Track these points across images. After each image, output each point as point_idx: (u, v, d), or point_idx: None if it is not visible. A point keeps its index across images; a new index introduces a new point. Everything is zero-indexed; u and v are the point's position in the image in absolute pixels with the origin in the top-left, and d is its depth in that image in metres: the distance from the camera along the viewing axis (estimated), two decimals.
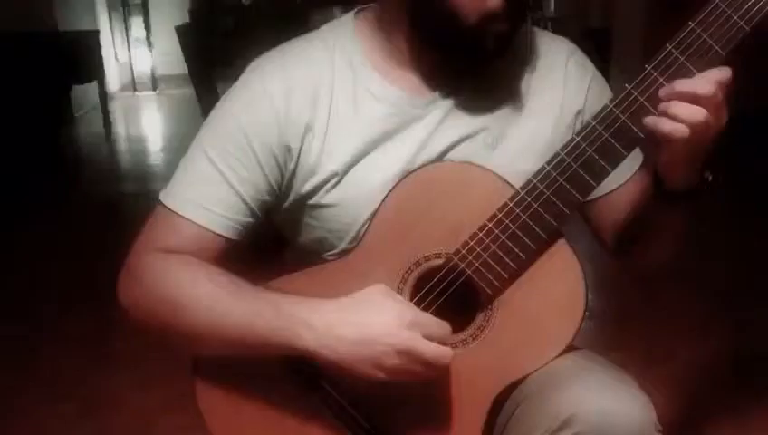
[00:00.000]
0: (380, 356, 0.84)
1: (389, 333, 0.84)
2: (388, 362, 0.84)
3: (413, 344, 0.84)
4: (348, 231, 0.96)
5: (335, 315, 0.85)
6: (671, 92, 0.82)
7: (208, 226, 0.93)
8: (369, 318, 0.85)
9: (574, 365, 0.88)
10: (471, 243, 0.89)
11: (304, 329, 0.85)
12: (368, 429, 0.92)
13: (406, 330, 0.84)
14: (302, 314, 0.85)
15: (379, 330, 0.84)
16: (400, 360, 0.84)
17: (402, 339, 0.83)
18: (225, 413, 0.94)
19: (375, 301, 0.86)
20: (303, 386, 0.92)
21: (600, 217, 1.03)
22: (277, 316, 0.86)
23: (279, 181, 0.95)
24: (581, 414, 0.81)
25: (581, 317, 0.89)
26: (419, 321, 0.85)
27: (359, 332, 0.84)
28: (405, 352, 0.84)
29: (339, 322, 0.85)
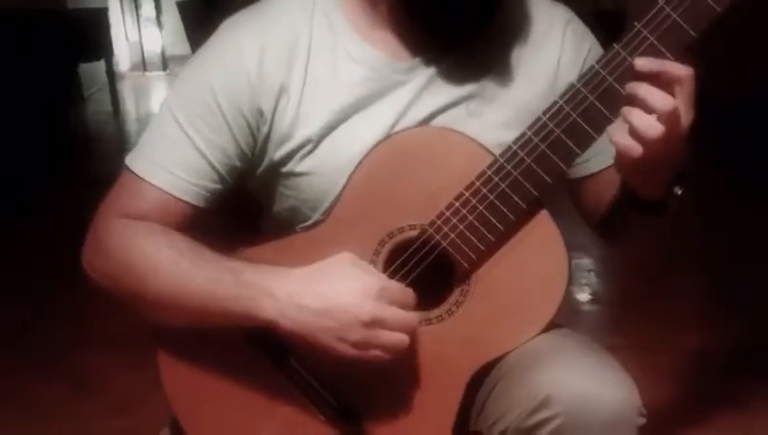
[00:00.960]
0: (345, 327, 0.80)
1: (354, 302, 0.80)
2: (353, 334, 0.80)
3: (379, 314, 0.80)
4: (322, 202, 0.91)
5: (298, 284, 0.81)
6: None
7: (172, 191, 0.88)
8: (333, 287, 0.81)
9: (555, 344, 0.83)
10: (447, 213, 0.84)
11: (265, 298, 0.81)
12: (337, 408, 0.87)
13: (372, 300, 0.80)
14: (263, 283, 0.81)
15: (343, 299, 0.80)
16: (366, 331, 0.80)
17: (367, 309, 0.79)
18: (188, 389, 0.90)
19: (341, 269, 0.82)
20: (270, 362, 0.88)
21: (588, 197, 0.99)
22: (238, 284, 0.82)
23: (251, 146, 0.91)
24: (559, 395, 0.77)
25: (563, 293, 0.84)
26: (386, 290, 0.81)
27: (322, 301, 0.80)
28: (370, 323, 0.80)
29: (302, 291, 0.81)
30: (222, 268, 0.84)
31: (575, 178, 0.98)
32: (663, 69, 0.76)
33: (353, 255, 0.84)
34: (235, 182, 0.93)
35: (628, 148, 0.76)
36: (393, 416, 0.87)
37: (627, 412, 0.78)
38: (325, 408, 0.88)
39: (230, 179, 0.91)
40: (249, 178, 0.95)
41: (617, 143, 0.77)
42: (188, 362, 0.90)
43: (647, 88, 0.75)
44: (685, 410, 1.75)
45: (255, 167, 0.93)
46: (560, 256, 0.85)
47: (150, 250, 0.85)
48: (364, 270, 0.83)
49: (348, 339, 0.80)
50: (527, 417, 0.78)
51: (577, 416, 0.76)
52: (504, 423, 0.81)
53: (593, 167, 0.96)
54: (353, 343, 0.81)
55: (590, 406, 0.76)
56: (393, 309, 0.81)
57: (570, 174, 0.98)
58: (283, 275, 0.82)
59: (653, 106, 0.75)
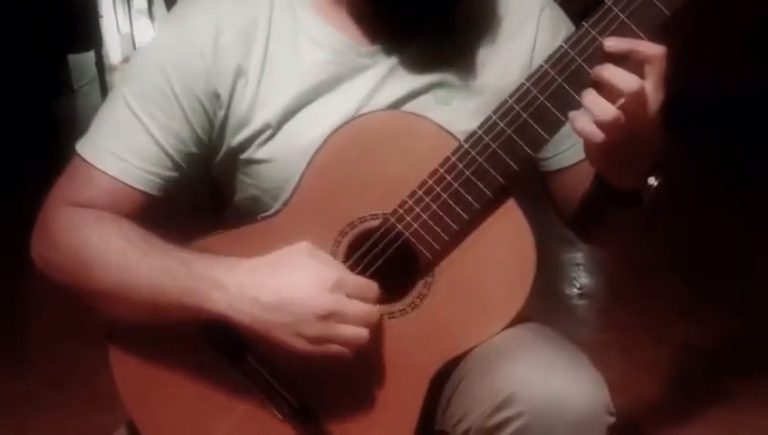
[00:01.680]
0: (300, 322, 0.76)
1: (310, 295, 0.76)
2: (309, 328, 0.76)
3: (335, 307, 0.76)
4: (283, 190, 0.87)
5: (251, 276, 0.77)
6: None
7: (124, 178, 0.84)
8: (287, 279, 0.77)
9: (520, 339, 0.80)
10: (409, 202, 0.80)
11: (216, 290, 0.77)
12: (296, 407, 0.83)
13: (328, 292, 0.76)
14: (214, 274, 0.78)
15: (298, 292, 0.76)
16: (323, 326, 0.76)
17: (324, 302, 0.76)
18: (141, 385, 0.86)
19: (296, 260, 0.78)
20: (227, 359, 0.84)
21: (562, 191, 0.95)
22: (189, 276, 0.78)
23: (208, 132, 0.86)
24: (523, 393, 0.73)
25: (530, 285, 0.80)
26: (345, 281, 0.77)
27: (275, 294, 0.76)
28: (327, 317, 0.76)
29: (254, 283, 0.77)
30: (173, 259, 0.80)
31: (549, 170, 0.94)
32: (634, 48, 0.72)
33: (310, 244, 0.80)
34: (192, 169, 0.88)
35: (588, 134, 0.73)
36: (353, 414, 0.83)
37: (595, 411, 0.74)
38: (283, 406, 0.84)
39: (186, 167, 0.87)
40: (208, 165, 0.90)
41: (576, 129, 0.74)
42: (141, 358, 0.86)
43: (611, 69, 0.72)
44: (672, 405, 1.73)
45: (214, 154, 0.89)
46: (527, 247, 0.81)
47: (98, 240, 0.81)
48: (321, 260, 0.79)
49: (304, 334, 0.76)
50: (490, 416, 0.75)
51: (541, 415, 0.73)
52: (467, 422, 0.78)
53: (568, 158, 0.92)
54: (310, 339, 0.77)
55: (556, 404, 0.73)
56: (352, 302, 0.77)
57: (544, 166, 0.94)
58: (234, 267, 0.78)
59: (617, 87, 0.71)
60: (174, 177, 0.86)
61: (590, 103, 0.73)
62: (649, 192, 0.83)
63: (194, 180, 0.91)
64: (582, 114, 0.74)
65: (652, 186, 0.82)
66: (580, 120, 0.74)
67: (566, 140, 0.90)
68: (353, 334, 0.77)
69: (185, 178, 0.88)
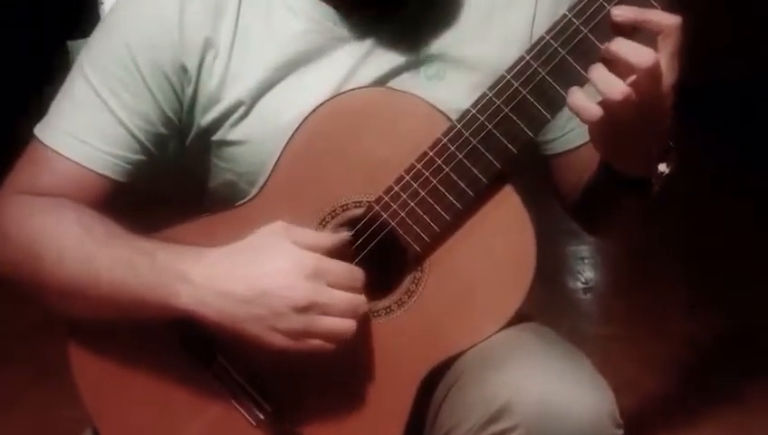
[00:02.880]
0: (276, 315, 0.68)
1: (285, 284, 0.68)
2: (285, 322, 0.68)
3: (315, 297, 0.68)
4: (260, 174, 0.79)
5: (219, 266, 0.70)
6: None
7: (86, 163, 0.77)
8: (260, 267, 0.69)
9: (517, 341, 0.72)
10: (396, 188, 0.73)
11: (180, 283, 0.70)
12: (270, 412, 0.76)
13: (305, 280, 0.68)
14: (179, 266, 0.70)
15: (271, 282, 0.68)
16: (302, 318, 0.68)
17: (300, 291, 0.68)
18: (104, 389, 0.78)
19: (269, 245, 0.70)
20: (197, 359, 0.76)
21: (567, 175, 0.87)
22: (152, 269, 0.71)
23: (177, 111, 0.79)
24: (519, 402, 0.66)
25: (529, 283, 0.73)
26: (326, 268, 0.69)
27: (246, 285, 0.69)
28: (305, 308, 0.68)
29: (223, 274, 0.70)
30: (135, 250, 0.72)
31: (553, 153, 0.86)
32: (645, 18, 0.65)
33: (284, 223, 0.72)
34: (162, 153, 0.81)
35: (585, 110, 0.66)
36: (333, 422, 0.75)
37: (599, 423, 0.66)
38: (256, 411, 0.76)
39: (155, 150, 0.79)
40: (180, 149, 0.83)
41: (571, 106, 0.66)
42: (103, 356, 0.78)
43: (621, 42, 0.65)
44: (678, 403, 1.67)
45: (184, 135, 0.81)
46: (526, 240, 0.73)
47: (53, 229, 0.74)
48: (299, 242, 0.71)
49: (281, 328, 0.69)
50: (482, 428, 0.67)
51: (539, 427, 0.65)
52: (458, 434, 0.70)
53: (574, 140, 0.84)
54: (288, 333, 0.69)
55: (556, 416, 0.65)
56: (334, 291, 0.70)
57: (547, 149, 0.86)
58: (201, 257, 0.71)
59: (629, 62, 0.64)
60: (141, 161, 0.79)
61: (597, 79, 0.66)
62: (660, 180, 0.75)
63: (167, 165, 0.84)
64: (579, 90, 0.67)
65: (663, 173, 0.75)
66: (575, 96, 0.66)
67: (571, 119, 0.81)
68: (337, 327, 0.70)
69: (154, 162, 0.81)
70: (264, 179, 0.78)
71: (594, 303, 2.25)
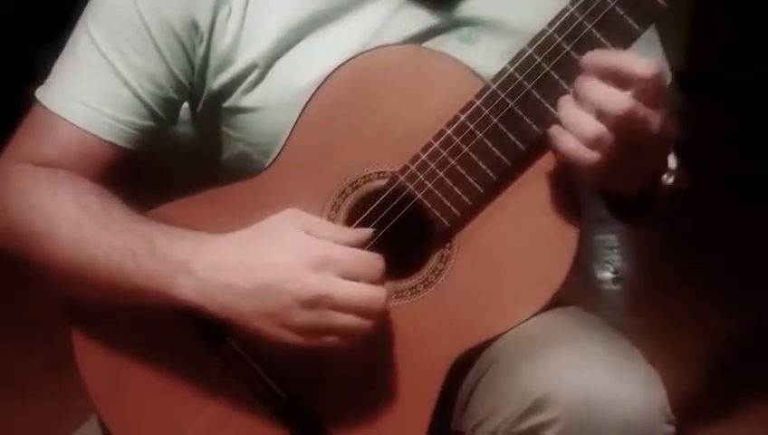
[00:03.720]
0: (283, 310, 0.62)
1: (292, 277, 0.62)
2: (295, 318, 0.62)
3: (323, 290, 0.62)
4: (274, 145, 0.73)
5: (222, 255, 0.64)
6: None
7: (90, 128, 0.72)
8: (266, 257, 0.63)
9: (557, 327, 0.66)
10: (423, 156, 0.66)
11: (181, 275, 0.64)
12: (284, 400, 0.70)
13: (313, 272, 0.62)
14: (180, 255, 0.64)
15: (273, 274, 0.63)
16: (311, 314, 0.62)
17: (308, 284, 0.62)
18: (108, 376, 0.73)
19: (278, 232, 0.64)
20: (207, 343, 0.71)
21: None
22: (151, 257, 0.65)
23: (187, 73, 0.73)
24: (560, 394, 0.59)
25: (570, 262, 0.66)
26: (335, 257, 0.63)
27: (252, 277, 0.63)
28: (313, 303, 0.62)
29: (227, 264, 0.64)
30: (135, 235, 0.67)
31: None
32: (612, 65, 0.59)
33: (298, 210, 0.66)
34: (171, 119, 0.76)
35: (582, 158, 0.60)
36: (354, 411, 0.69)
37: (649, 419, 0.59)
38: (271, 401, 0.70)
39: (164, 115, 0.74)
40: (192, 117, 0.78)
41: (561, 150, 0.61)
42: (107, 339, 0.73)
43: (591, 85, 0.59)
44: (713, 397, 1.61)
45: (195, 101, 0.76)
46: (568, 214, 0.66)
47: (51, 206, 0.69)
48: (309, 230, 0.65)
49: (290, 324, 0.63)
50: (518, 420, 0.61)
51: (582, 421, 0.59)
52: (491, 425, 0.64)
53: None
54: (298, 329, 0.63)
55: (601, 408, 0.59)
56: (345, 284, 0.63)
57: None
58: (203, 245, 0.65)
59: (600, 108, 0.59)
60: (150, 127, 0.74)
61: (566, 117, 0.60)
62: (666, 193, 0.68)
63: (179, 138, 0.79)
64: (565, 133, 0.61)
65: (665, 185, 0.67)
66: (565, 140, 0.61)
67: None
68: (349, 324, 0.63)
69: (163, 129, 0.76)
70: (278, 150, 0.72)
71: (624, 294, 2.18)
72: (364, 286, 0.63)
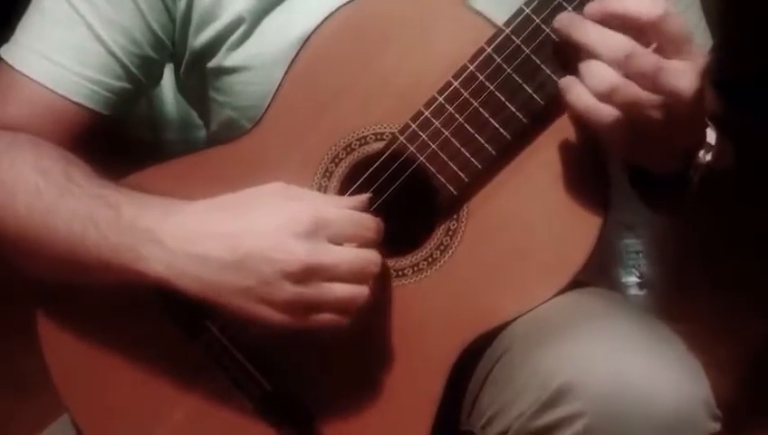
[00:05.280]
0: (266, 284, 0.55)
1: (273, 244, 0.54)
2: (279, 293, 0.55)
3: (312, 258, 0.54)
4: (263, 109, 0.65)
5: (194, 224, 0.57)
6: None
7: (58, 88, 0.65)
8: (245, 225, 0.56)
9: (580, 307, 0.57)
10: (426, 113, 0.58)
11: (148, 245, 0.56)
12: (270, 393, 0.62)
13: (299, 238, 0.54)
14: (146, 222, 0.57)
15: (256, 242, 0.55)
16: (298, 289, 0.54)
17: (293, 253, 0.54)
18: (73, 360, 0.65)
19: (259, 199, 0.57)
20: (183, 328, 0.63)
21: None
22: (116, 226, 0.58)
23: (167, 29, 0.67)
24: (585, 383, 0.51)
25: (597, 234, 0.57)
26: (325, 219, 0.55)
27: (225, 246, 0.55)
28: (302, 274, 0.54)
29: (200, 233, 0.56)
30: (99, 201, 0.60)
31: None
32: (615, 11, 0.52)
33: (284, 184, 0.58)
34: (151, 81, 0.70)
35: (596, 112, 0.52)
36: (349, 407, 0.61)
37: (691, 413, 0.51)
38: (255, 393, 0.62)
39: (142, 77, 0.68)
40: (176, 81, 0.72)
41: (576, 105, 0.53)
42: (73, 327, 0.65)
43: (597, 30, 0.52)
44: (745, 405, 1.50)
45: (177, 62, 0.69)
46: (593, 179, 0.58)
47: (8, 171, 0.62)
48: (297, 199, 0.58)
49: (275, 301, 0.55)
50: (535, 415, 0.52)
51: (611, 416, 0.50)
52: (503, 422, 0.55)
53: None
54: (283, 306, 0.55)
55: (633, 401, 0.50)
56: (337, 249, 0.56)
57: None
58: (172, 212, 0.58)
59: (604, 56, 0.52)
60: (125, 90, 0.67)
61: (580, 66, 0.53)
62: (700, 170, 0.59)
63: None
64: (578, 83, 0.53)
65: (701, 163, 0.59)
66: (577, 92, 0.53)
67: None
68: (345, 294, 0.55)
69: (142, 92, 0.70)
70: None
71: (650, 299, 2.07)
72: (356, 250, 0.56)
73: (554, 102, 0.56)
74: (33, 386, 1.64)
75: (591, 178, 0.58)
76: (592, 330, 0.54)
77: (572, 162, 0.58)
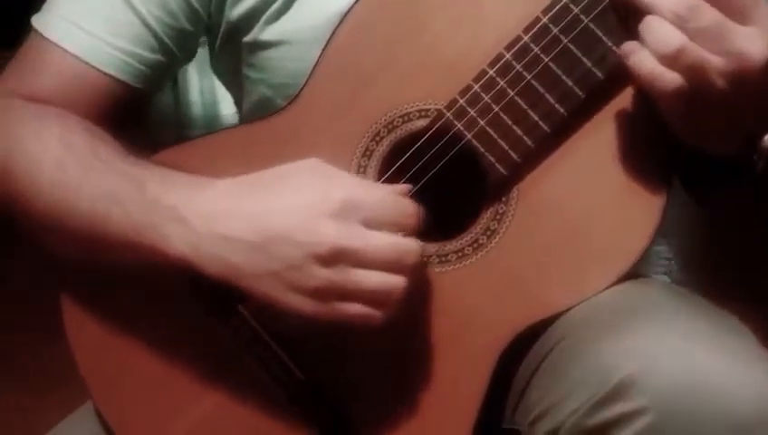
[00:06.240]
0: (293, 269, 0.51)
1: (301, 225, 0.51)
2: (306, 279, 0.51)
3: (343, 241, 0.51)
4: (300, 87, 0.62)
5: (221, 202, 0.54)
6: None
7: (89, 58, 0.63)
8: (274, 204, 0.53)
9: (642, 298, 0.53)
10: (475, 87, 0.54)
11: (172, 223, 0.53)
12: (303, 383, 0.58)
13: (330, 219, 0.51)
14: (171, 199, 0.54)
15: (283, 222, 0.52)
16: (327, 274, 0.51)
17: (323, 234, 0.51)
18: (98, 346, 0.62)
19: (289, 177, 0.54)
20: (212, 312, 0.59)
21: None
22: (140, 203, 0.55)
23: (204, 2, 0.64)
24: (650, 377, 0.46)
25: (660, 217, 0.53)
26: (358, 200, 0.52)
27: (251, 227, 0.52)
28: (332, 258, 0.51)
29: (225, 212, 0.53)
30: (123, 177, 0.57)
31: None
32: None
33: (319, 161, 0.55)
34: (185, 55, 0.67)
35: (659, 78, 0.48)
36: (386, 401, 0.57)
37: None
38: (287, 383, 0.59)
39: (177, 50, 0.65)
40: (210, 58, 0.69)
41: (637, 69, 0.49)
42: (99, 309, 0.62)
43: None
44: None
45: (213, 36, 0.67)
46: (655, 162, 0.54)
47: (33, 145, 0.60)
48: (328, 176, 0.54)
49: (302, 287, 0.52)
50: (593, 410, 0.48)
51: (678, 412, 0.45)
52: (555, 419, 0.51)
53: None
54: (311, 293, 0.52)
55: (704, 397, 0.45)
56: (370, 232, 0.52)
57: None
58: (199, 190, 0.55)
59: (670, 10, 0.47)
60: (159, 63, 0.65)
61: (642, 27, 0.49)
62: (765, 156, 0.55)
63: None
64: (641, 48, 0.49)
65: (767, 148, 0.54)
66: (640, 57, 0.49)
67: None
68: (378, 285, 0.52)
69: (176, 66, 0.67)
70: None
71: None
72: (394, 237, 0.52)
73: (614, 76, 0.53)
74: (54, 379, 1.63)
75: (652, 159, 0.54)
76: (659, 320, 0.49)
77: (632, 142, 0.54)
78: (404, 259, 0.52)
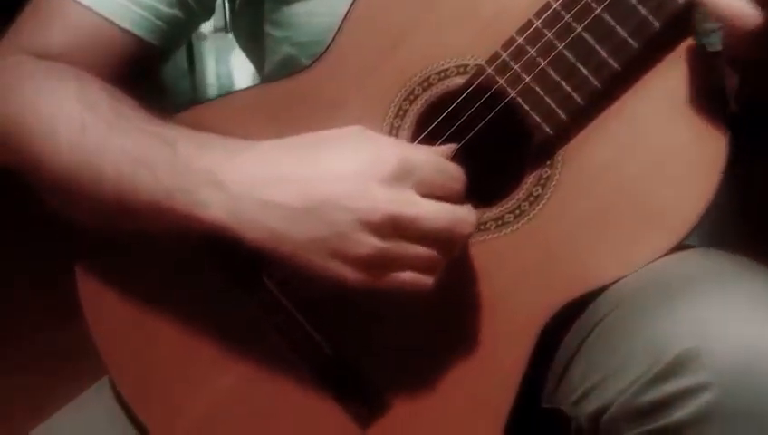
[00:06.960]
0: (340, 237, 0.48)
1: (353, 191, 0.48)
2: (356, 246, 0.48)
3: (397, 208, 0.47)
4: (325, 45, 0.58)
5: (264, 166, 0.50)
6: None
7: (104, 11, 0.59)
8: (322, 169, 0.49)
9: (699, 268, 0.49)
10: (519, 40, 0.50)
11: (208, 188, 0.50)
12: (331, 358, 0.55)
13: (382, 185, 0.47)
14: (206, 162, 0.50)
15: (333, 188, 0.48)
16: (378, 243, 0.47)
17: (376, 200, 0.47)
18: (116, 319, 0.59)
19: (335, 141, 0.50)
20: (237, 284, 0.56)
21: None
22: (171, 166, 0.51)
23: None
24: (713, 350, 0.43)
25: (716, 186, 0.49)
26: (413, 164, 0.48)
27: (301, 193, 0.48)
28: (383, 226, 0.47)
29: (269, 177, 0.49)
30: (152, 136, 0.53)
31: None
32: None
33: (362, 128, 0.51)
34: (204, 11, 0.63)
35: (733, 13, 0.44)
36: (419, 376, 0.54)
37: None
38: (313, 358, 0.55)
39: (195, 5, 0.61)
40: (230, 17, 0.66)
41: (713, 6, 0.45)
42: (116, 280, 0.59)
43: None
44: None
45: None
46: (712, 123, 0.49)
47: (48, 102, 0.56)
48: (375, 141, 0.51)
49: (349, 254, 0.48)
50: (647, 386, 0.44)
51: (744, 390, 0.42)
52: (603, 397, 0.47)
53: None
54: (360, 262, 0.48)
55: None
56: (425, 202, 0.48)
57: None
58: (238, 152, 0.51)
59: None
60: (177, 19, 0.61)
61: None
62: None
63: None
64: None
65: None
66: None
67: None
68: (428, 254, 0.48)
69: (194, 23, 0.63)
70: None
71: None
72: (449, 205, 0.48)
73: (669, 28, 0.48)
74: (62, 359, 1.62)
75: (709, 118, 0.50)
76: (722, 291, 0.45)
77: (688, 101, 0.50)
78: (459, 228, 0.49)
